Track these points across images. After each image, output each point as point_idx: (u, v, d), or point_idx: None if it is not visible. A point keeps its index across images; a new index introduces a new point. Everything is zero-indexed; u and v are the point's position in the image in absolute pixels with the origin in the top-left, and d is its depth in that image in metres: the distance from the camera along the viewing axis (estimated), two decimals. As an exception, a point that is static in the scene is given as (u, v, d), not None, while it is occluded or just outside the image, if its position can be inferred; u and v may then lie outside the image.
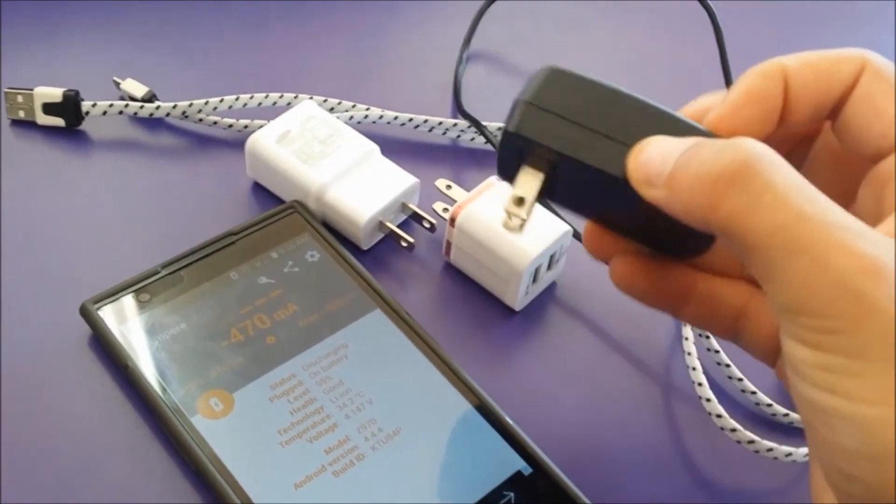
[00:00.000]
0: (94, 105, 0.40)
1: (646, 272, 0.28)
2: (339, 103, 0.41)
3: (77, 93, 0.40)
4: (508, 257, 0.35)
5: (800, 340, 0.21)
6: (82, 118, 0.40)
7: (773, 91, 0.25)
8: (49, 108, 0.39)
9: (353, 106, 0.41)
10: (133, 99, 0.41)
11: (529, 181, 0.26)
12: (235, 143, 0.41)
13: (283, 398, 0.31)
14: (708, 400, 0.33)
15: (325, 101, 0.41)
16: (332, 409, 0.31)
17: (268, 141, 0.38)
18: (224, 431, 0.30)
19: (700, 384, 0.33)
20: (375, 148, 0.38)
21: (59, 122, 0.40)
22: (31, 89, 0.39)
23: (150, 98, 0.41)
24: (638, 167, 0.24)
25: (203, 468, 0.29)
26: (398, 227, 0.37)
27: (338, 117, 0.40)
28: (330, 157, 0.37)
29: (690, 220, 0.23)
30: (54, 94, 0.39)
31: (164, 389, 0.31)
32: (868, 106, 0.24)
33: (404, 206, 0.38)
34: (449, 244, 0.37)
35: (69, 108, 0.39)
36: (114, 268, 0.35)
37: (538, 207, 0.36)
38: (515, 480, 0.30)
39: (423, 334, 0.33)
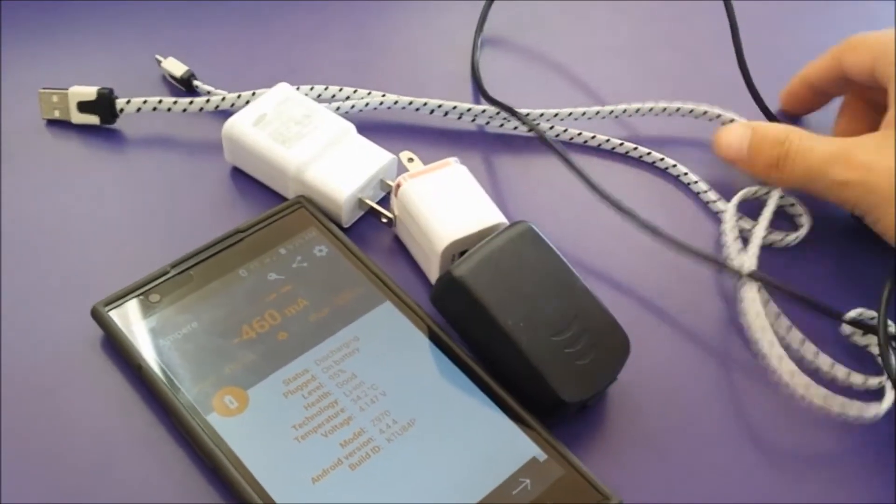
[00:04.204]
0: (128, 102, 0.40)
1: None
2: (355, 91, 0.42)
3: (111, 91, 0.40)
4: (432, 235, 0.35)
5: None
6: (117, 115, 0.40)
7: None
8: (84, 107, 0.40)
9: (369, 93, 0.42)
10: (173, 77, 0.42)
11: None
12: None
13: (297, 393, 0.31)
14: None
15: (340, 89, 0.42)
16: (346, 403, 0.31)
17: (244, 125, 0.38)
18: (240, 428, 0.30)
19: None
20: (351, 126, 0.39)
21: (93, 119, 0.40)
22: (66, 89, 0.40)
23: (188, 77, 0.42)
24: (721, 151, 0.40)
25: (220, 465, 0.29)
26: (377, 203, 0.38)
27: (353, 106, 0.40)
28: (307, 138, 0.38)
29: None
30: (89, 92, 0.40)
31: (178, 389, 0.31)
32: None
33: (383, 183, 0.38)
34: (395, 215, 0.37)
35: (104, 105, 0.40)
36: (124, 267, 0.35)
37: (481, 193, 0.36)
38: (531, 467, 0.30)
39: (432, 325, 0.33)
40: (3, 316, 0.34)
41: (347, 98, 0.42)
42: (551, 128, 0.42)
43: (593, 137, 0.42)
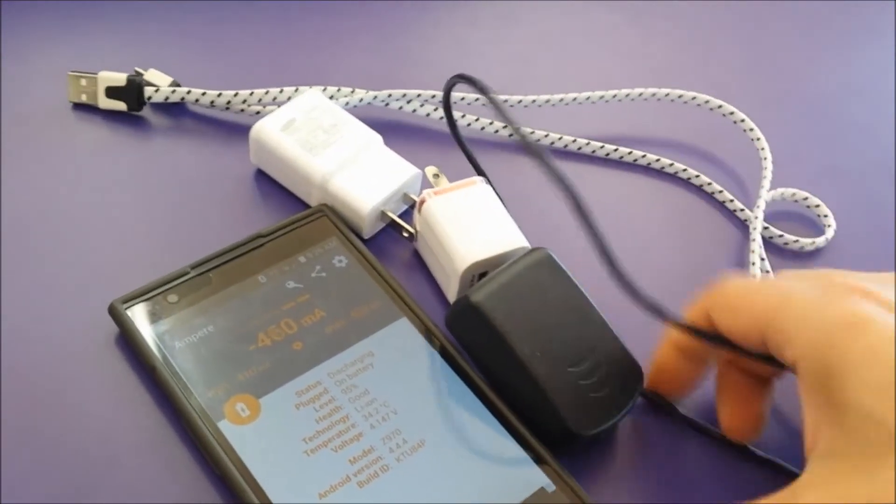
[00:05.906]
0: (156, 90, 0.40)
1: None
2: (389, 94, 0.42)
3: (141, 77, 0.40)
4: (453, 254, 0.35)
5: None
6: (144, 103, 0.40)
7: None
8: (111, 92, 0.40)
9: (390, 94, 0.41)
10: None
11: None
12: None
13: (310, 405, 0.31)
14: None
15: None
16: (358, 419, 0.31)
17: (272, 129, 0.38)
18: (250, 437, 0.30)
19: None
20: (378, 137, 0.39)
21: (120, 106, 0.40)
22: (96, 73, 0.40)
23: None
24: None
25: (228, 474, 0.29)
26: (399, 216, 0.38)
27: (375, 96, 0.40)
28: (333, 146, 0.38)
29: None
30: (118, 78, 0.40)
31: (190, 392, 0.31)
32: None
33: (406, 197, 0.38)
34: (416, 231, 0.37)
35: (132, 92, 0.40)
36: (141, 262, 0.35)
37: (504, 215, 0.36)
38: (539, 497, 0.30)
39: (447, 345, 0.33)
40: (19, 305, 0.34)
41: (375, 97, 0.42)
42: (574, 141, 0.42)
43: (616, 150, 0.43)
